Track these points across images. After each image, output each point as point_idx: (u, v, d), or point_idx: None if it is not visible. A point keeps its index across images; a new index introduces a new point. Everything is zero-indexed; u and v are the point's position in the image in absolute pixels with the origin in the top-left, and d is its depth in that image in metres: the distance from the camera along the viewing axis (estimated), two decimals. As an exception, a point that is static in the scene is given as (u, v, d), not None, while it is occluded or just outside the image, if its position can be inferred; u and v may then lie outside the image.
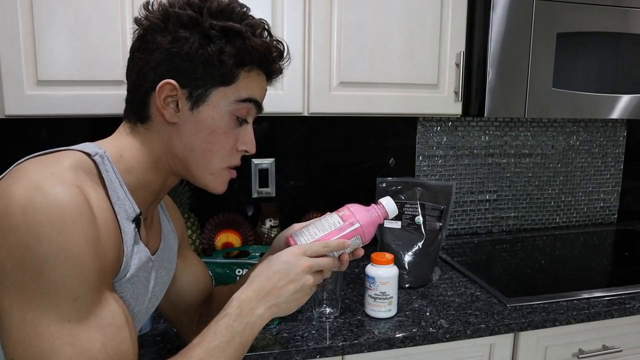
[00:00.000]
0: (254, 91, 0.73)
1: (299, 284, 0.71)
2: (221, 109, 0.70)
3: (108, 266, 0.61)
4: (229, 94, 0.70)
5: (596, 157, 1.90)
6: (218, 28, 0.67)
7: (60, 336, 0.54)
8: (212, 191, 0.76)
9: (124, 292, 0.66)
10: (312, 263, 0.72)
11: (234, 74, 0.70)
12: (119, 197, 0.66)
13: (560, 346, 1.20)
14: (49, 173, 0.57)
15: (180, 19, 0.67)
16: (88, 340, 0.56)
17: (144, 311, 0.75)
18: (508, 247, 1.70)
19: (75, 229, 0.55)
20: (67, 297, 0.55)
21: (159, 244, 0.79)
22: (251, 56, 0.70)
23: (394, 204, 0.81)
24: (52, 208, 0.54)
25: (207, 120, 0.70)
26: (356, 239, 0.78)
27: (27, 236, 0.53)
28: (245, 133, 0.75)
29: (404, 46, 1.27)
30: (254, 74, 0.73)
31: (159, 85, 0.67)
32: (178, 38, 0.67)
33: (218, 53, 0.67)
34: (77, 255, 0.55)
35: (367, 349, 1.04)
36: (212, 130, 0.70)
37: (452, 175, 1.75)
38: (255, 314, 0.69)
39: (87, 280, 0.56)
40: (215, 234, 1.44)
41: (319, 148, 1.60)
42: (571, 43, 1.33)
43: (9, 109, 1.04)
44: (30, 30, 1.02)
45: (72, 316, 0.55)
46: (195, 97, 0.69)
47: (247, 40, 0.69)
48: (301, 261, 0.71)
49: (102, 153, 0.66)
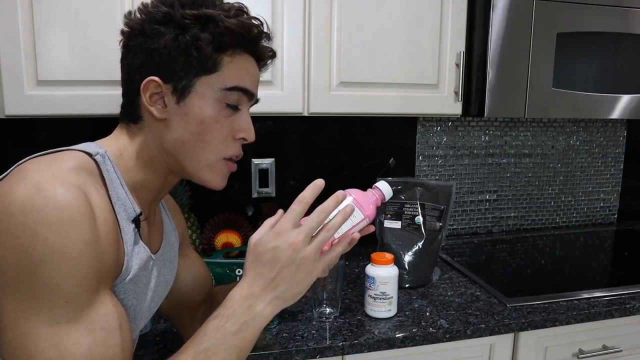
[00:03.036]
0: (240, 78, 0.71)
1: (294, 265, 0.64)
2: (208, 98, 0.69)
3: (107, 268, 0.60)
4: (214, 82, 0.69)
5: (596, 157, 1.90)
6: (190, 16, 0.67)
7: (47, 338, 0.54)
8: (210, 186, 0.74)
9: (126, 293, 0.66)
10: (301, 234, 0.64)
11: (215, 61, 0.68)
12: (119, 197, 0.66)
13: (560, 346, 1.20)
14: (50, 174, 0.57)
15: (155, 17, 0.68)
16: (74, 344, 0.55)
17: (146, 311, 0.75)
18: (508, 247, 1.70)
19: (72, 230, 0.55)
20: (59, 299, 0.54)
21: (160, 243, 0.79)
22: (229, 39, 0.68)
23: (389, 186, 0.78)
24: (50, 209, 0.54)
25: (195, 110, 0.69)
26: (357, 212, 0.71)
27: (23, 236, 0.53)
28: (241, 120, 0.73)
29: (404, 46, 1.27)
30: (239, 59, 0.71)
31: (142, 84, 0.68)
32: (154, 35, 0.68)
33: (193, 41, 0.67)
34: (73, 257, 0.55)
35: (367, 349, 1.04)
36: (202, 120, 0.69)
37: (452, 175, 1.75)
38: (254, 312, 0.64)
39: (81, 282, 0.56)
40: (215, 234, 1.44)
41: (319, 148, 1.60)
42: (571, 43, 1.33)
43: (9, 109, 1.04)
44: (30, 30, 1.02)
45: (62, 318, 0.55)
46: (180, 90, 0.69)
47: (221, 23, 0.67)
48: (290, 238, 0.64)
49: (103, 153, 0.67)
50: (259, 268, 0.65)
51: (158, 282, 0.77)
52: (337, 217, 0.67)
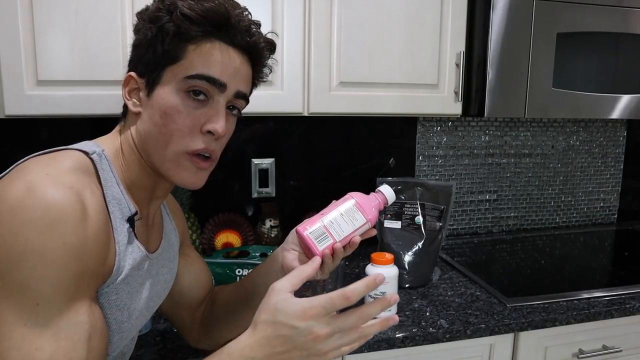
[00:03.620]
0: (205, 66, 0.67)
1: (307, 353, 0.60)
2: (172, 88, 0.67)
3: (90, 274, 0.59)
4: (177, 71, 0.67)
5: (596, 157, 1.90)
6: (161, 8, 0.67)
7: (12, 338, 0.53)
8: (182, 185, 0.70)
9: (119, 293, 0.65)
10: (329, 328, 0.59)
11: (179, 49, 0.66)
12: (114, 196, 0.65)
13: (560, 346, 1.20)
14: (44, 173, 0.57)
15: (142, 13, 0.70)
16: (36, 349, 0.53)
17: (144, 310, 0.74)
18: (508, 247, 1.70)
19: (56, 232, 0.54)
20: (30, 300, 0.54)
21: (160, 243, 0.79)
22: (187, 25, 0.65)
23: (392, 190, 0.81)
24: (37, 209, 0.54)
25: (159, 101, 0.67)
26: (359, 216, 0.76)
27: (6, 234, 0.53)
28: (209, 112, 0.68)
29: (404, 46, 1.27)
30: (205, 46, 0.67)
31: (123, 80, 0.70)
32: (137, 31, 0.69)
33: (159, 32, 0.67)
34: (51, 259, 0.54)
35: (367, 349, 1.04)
36: (164, 111, 0.67)
37: (452, 175, 1.75)
38: None
39: (55, 286, 0.54)
40: (215, 234, 1.44)
41: (319, 148, 1.60)
42: (571, 43, 1.33)
43: (9, 109, 1.04)
44: (30, 30, 1.02)
45: (30, 320, 0.54)
46: (150, 83, 0.69)
47: (180, 11, 0.65)
48: (314, 327, 0.59)
49: (100, 151, 0.66)
50: (271, 336, 0.60)
51: (156, 281, 0.77)
52: (374, 327, 0.63)
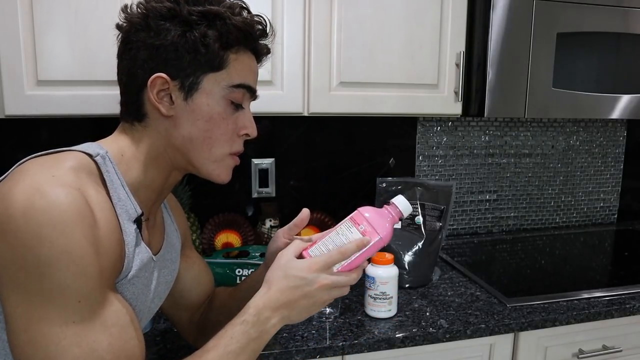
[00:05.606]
0: (245, 76, 0.73)
1: (313, 299, 0.71)
2: (215, 95, 0.70)
3: (109, 267, 0.60)
4: (221, 80, 0.70)
5: (596, 157, 1.90)
6: (197, 13, 0.67)
7: (66, 337, 0.55)
8: (218, 181, 0.75)
9: (124, 293, 0.66)
10: (331, 282, 0.72)
11: (222, 58, 0.69)
12: (120, 198, 0.65)
13: (560, 346, 1.20)
14: (49, 175, 0.57)
15: (160, 12, 0.67)
16: (94, 341, 0.56)
17: (146, 311, 0.75)
18: (508, 247, 1.70)
19: (76, 230, 0.55)
20: (72, 299, 0.55)
21: (161, 244, 0.79)
22: (235, 36, 0.69)
23: (407, 202, 0.78)
24: (52, 210, 0.54)
25: (203, 108, 0.70)
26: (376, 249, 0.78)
27: (28, 238, 0.53)
28: (244, 117, 0.75)
29: (404, 46, 1.27)
30: (243, 56, 0.72)
31: (149, 81, 0.68)
32: (160, 31, 0.67)
33: (201, 38, 0.67)
34: (80, 256, 0.55)
35: (367, 349, 1.04)
36: (210, 117, 0.70)
37: (452, 175, 1.75)
38: (270, 323, 0.69)
39: (90, 281, 0.56)
40: (215, 234, 1.44)
41: (319, 148, 1.60)
42: (571, 43, 1.33)
43: (9, 109, 1.04)
44: (30, 30, 1.02)
45: (77, 317, 0.55)
46: (187, 87, 0.69)
47: (228, 21, 0.68)
48: (319, 277, 0.71)
49: (104, 154, 0.66)
50: (284, 288, 0.70)
51: (158, 282, 0.77)
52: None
